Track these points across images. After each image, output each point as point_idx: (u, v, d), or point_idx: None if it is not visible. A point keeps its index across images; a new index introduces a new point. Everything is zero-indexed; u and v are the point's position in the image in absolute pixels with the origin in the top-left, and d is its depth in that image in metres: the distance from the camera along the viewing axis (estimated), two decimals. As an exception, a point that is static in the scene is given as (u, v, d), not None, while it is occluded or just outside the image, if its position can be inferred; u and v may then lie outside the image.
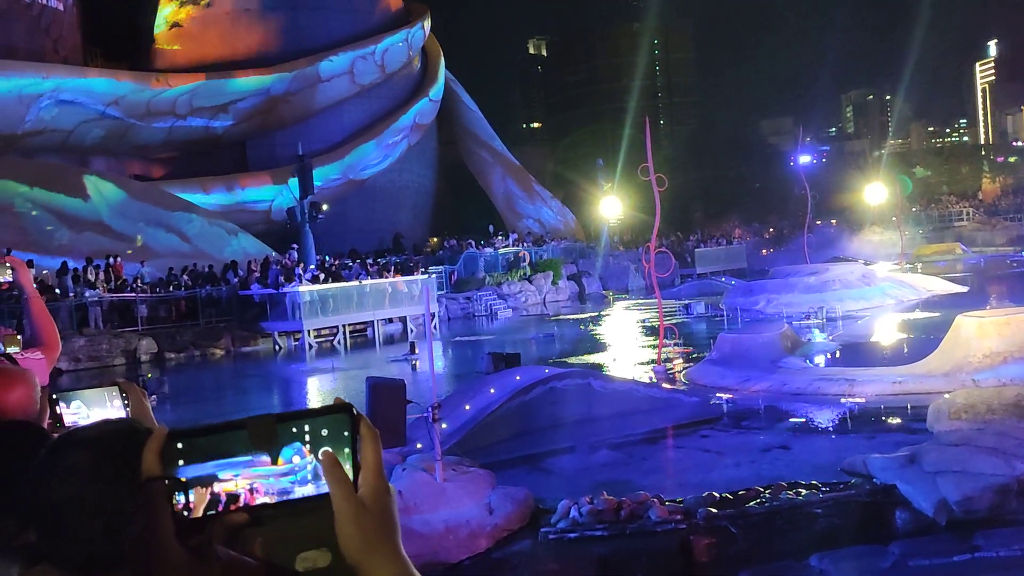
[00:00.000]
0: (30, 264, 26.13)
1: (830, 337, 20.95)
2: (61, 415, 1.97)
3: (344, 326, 28.59)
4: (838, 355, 18.58)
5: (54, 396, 2.00)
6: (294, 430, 1.06)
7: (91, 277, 27.16)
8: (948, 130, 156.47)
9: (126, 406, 1.95)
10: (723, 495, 8.92)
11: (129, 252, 29.98)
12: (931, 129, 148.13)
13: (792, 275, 29.72)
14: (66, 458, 1.40)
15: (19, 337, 3.55)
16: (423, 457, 9.94)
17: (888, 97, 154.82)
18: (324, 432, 1.06)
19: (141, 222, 32.95)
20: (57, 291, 25.94)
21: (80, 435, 1.46)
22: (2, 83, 32.93)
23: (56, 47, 38.66)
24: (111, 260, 28.93)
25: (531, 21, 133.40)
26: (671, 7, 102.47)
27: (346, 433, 1.07)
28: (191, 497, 1.03)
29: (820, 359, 17.77)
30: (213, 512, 1.04)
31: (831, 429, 12.94)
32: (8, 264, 3.66)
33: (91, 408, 1.97)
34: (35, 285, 4.01)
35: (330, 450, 1.05)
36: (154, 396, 15.62)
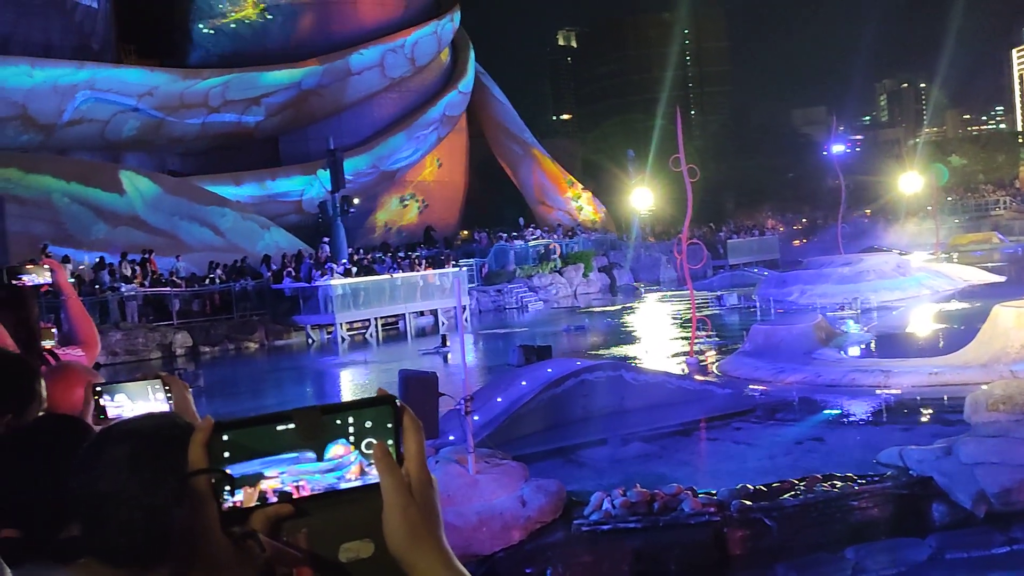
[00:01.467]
0: (66, 260, 26.53)
1: (865, 328, 20.76)
2: (105, 408, 2.01)
3: (376, 319, 28.74)
4: (873, 346, 18.42)
5: (98, 389, 2.03)
6: (338, 422, 1.07)
7: (127, 272, 27.48)
8: (984, 118, 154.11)
9: (168, 399, 1.98)
10: (757, 487, 8.88)
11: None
12: (967, 117, 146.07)
13: (826, 266, 29.45)
14: (107, 451, 1.42)
15: (53, 331, 3.61)
16: (455, 449, 9.98)
17: (923, 85, 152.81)
18: (368, 424, 1.07)
19: (175, 216, 33.29)
20: (96, 286, 26.28)
21: (121, 428, 1.48)
22: (38, 74, 33.35)
23: (90, 43, 39.05)
24: (146, 255, 29.26)
25: (560, 12, 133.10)
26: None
27: (389, 424, 1.08)
28: (240, 496, 1.04)
29: (855, 350, 17.62)
30: (258, 504, 1.05)
31: (866, 421, 12.84)
32: (47, 267, 3.73)
33: (134, 401, 2.00)
34: (72, 281, 4.09)
35: (379, 441, 1.07)
36: (190, 390, 15.77)
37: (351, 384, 21.21)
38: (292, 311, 28.76)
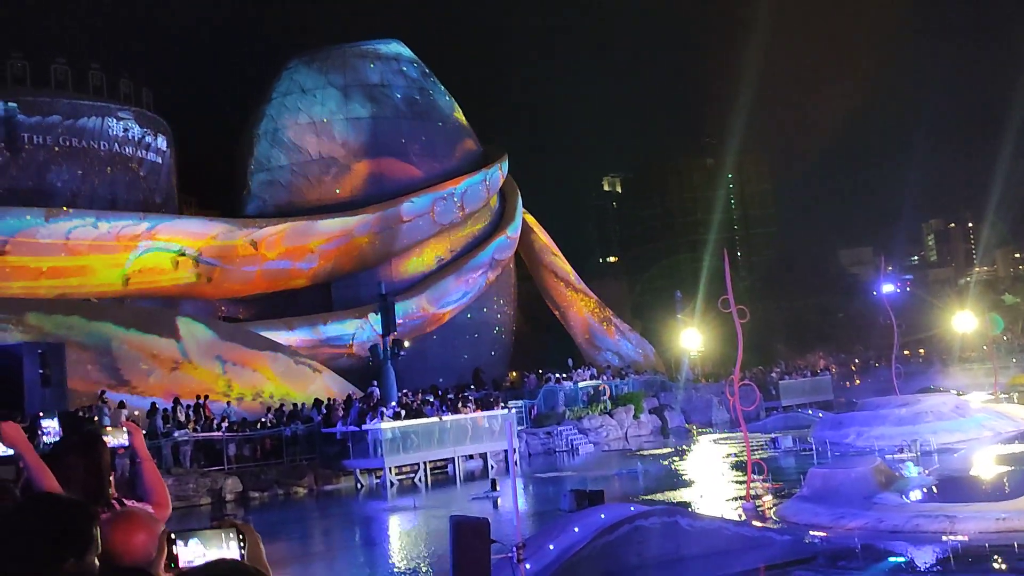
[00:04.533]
0: (122, 405, 26.94)
1: (926, 471, 20.16)
2: (177, 555, 2.04)
3: (425, 463, 28.53)
4: (935, 490, 17.86)
5: (172, 536, 2.07)
6: None
7: (181, 417, 27.76)
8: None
9: (242, 548, 2.02)
10: (822, 640, 8.52)
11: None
12: (1017, 255, 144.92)
13: (882, 407, 28.85)
14: None
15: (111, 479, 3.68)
16: (508, 599, 9.74)
17: (970, 225, 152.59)
18: None
19: (228, 362, 33.79)
20: (144, 433, 26.51)
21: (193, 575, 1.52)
22: (102, 225, 34.71)
23: (154, 197, 40.80)
24: (200, 400, 29.60)
25: (605, 160, 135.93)
26: (745, 141, 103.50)
27: None
28: None
29: (917, 494, 17.07)
30: None
31: (933, 569, 12.35)
32: (126, 429, 3.86)
33: (208, 548, 2.03)
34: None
35: None
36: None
37: (400, 530, 20.92)
38: (342, 455, 28.67)
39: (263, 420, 29.87)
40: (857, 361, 59.20)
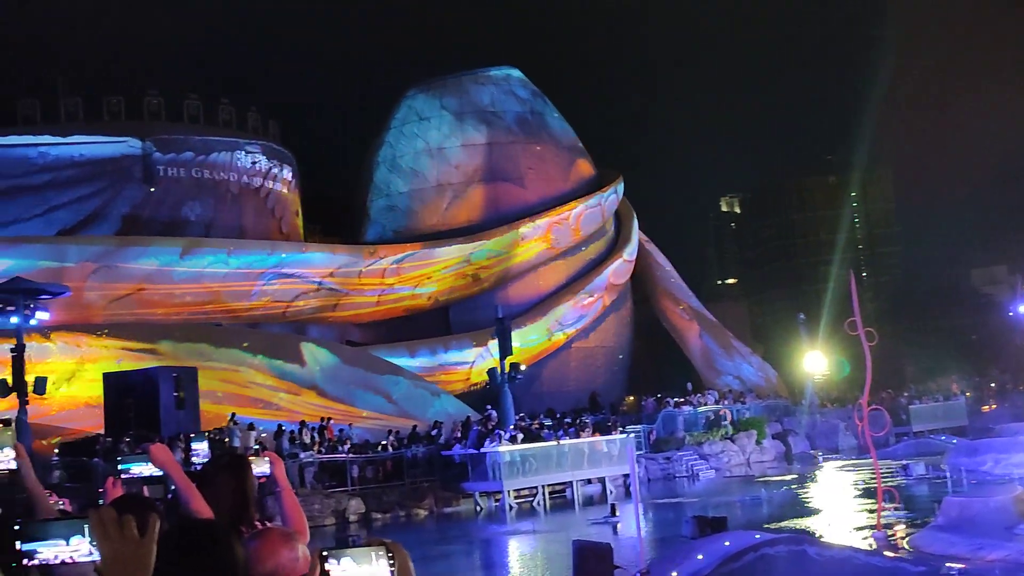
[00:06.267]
0: (251, 427, 27.86)
1: (1072, 502, 19.04)
2: (329, 572, 2.12)
3: (543, 487, 28.52)
4: (1084, 522, 16.86)
5: (324, 553, 2.15)
6: None
7: (306, 439, 28.51)
8: None
9: (391, 566, 2.07)
10: (965, 678, 8.14)
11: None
12: None
13: (1021, 433, 27.49)
14: None
15: None
16: (632, 625, 9.64)
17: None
18: None
19: (351, 385, 34.60)
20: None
21: None
22: (233, 261, 36.10)
23: (280, 226, 42.26)
24: (324, 422, 30.36)
25: (722, 180, 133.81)
26: (868, 157, 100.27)
27: None
28: None
29: (1063, 526, 16.16)
30: None
31: (1084, 606, 11.66)
32: (267, 459, 3.96)
33: (360, 566, 2.10)
34: (257, 446, 4.32)
35: None
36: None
37: (520, 554, 20.95)
38: (461, 477, 28.93)
39: (384, 442, 30.41)
40: (992, 385, 56.53)
